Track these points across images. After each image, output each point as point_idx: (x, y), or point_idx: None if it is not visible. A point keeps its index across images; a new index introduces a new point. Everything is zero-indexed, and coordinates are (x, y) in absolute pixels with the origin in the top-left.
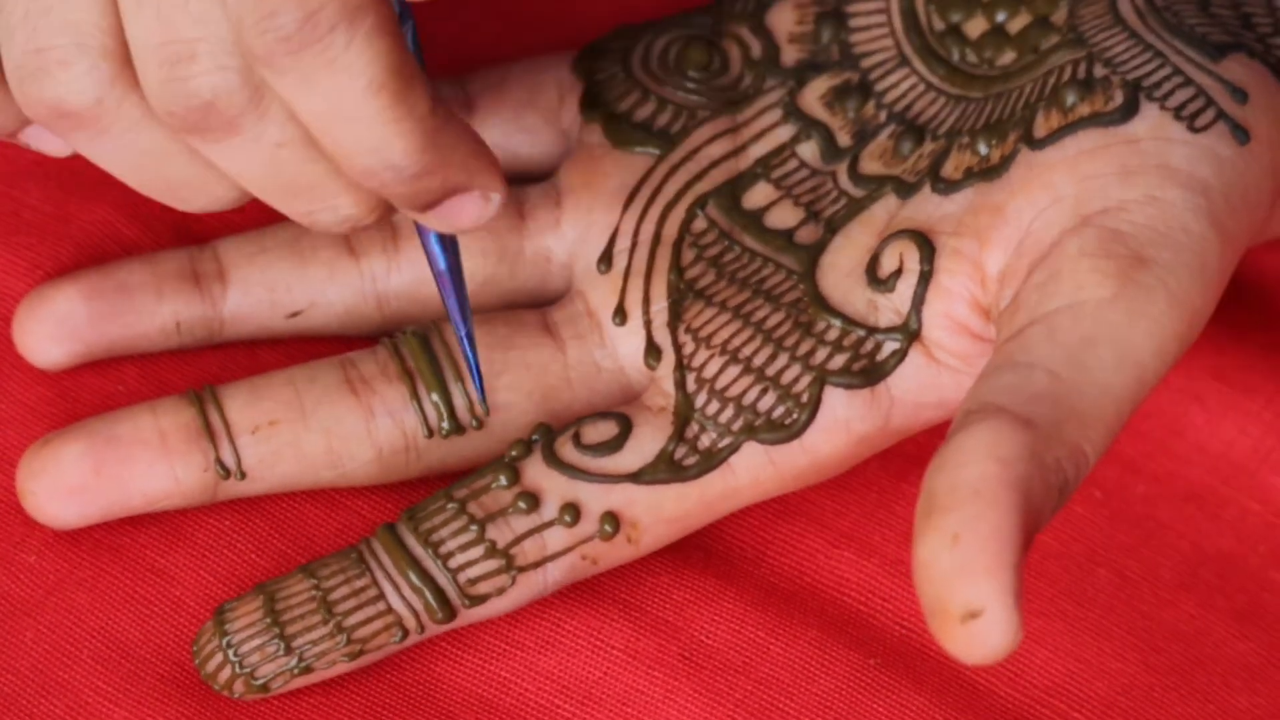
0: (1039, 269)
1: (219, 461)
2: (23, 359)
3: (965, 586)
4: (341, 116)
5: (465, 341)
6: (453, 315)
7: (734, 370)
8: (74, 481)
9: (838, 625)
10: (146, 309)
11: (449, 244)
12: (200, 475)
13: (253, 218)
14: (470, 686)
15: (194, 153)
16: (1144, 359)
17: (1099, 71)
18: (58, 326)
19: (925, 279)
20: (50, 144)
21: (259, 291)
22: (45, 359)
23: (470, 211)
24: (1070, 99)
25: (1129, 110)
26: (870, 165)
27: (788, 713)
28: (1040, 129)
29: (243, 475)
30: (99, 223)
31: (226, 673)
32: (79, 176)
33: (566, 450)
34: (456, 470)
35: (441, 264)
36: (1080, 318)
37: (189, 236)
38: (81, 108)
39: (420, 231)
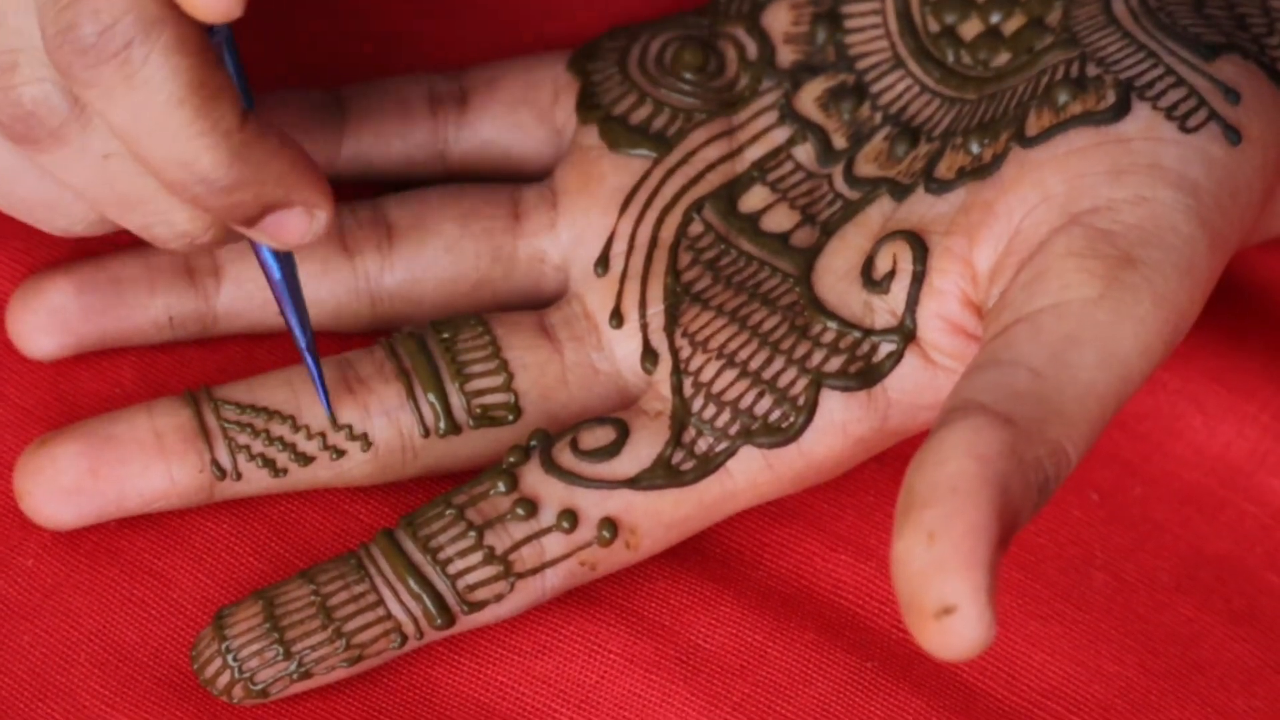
0: (1026, 267)
1: (214, 462)
2: (18, 362)
3: (939, 583)
4: (146, 130)
5: (307, 354)
6: (291, 326)
7: (730, 374)
8: (70, 482)
9: (835, 628)
10: (139, 302)
11: (283, 256)
12: (196, 476)
13: None
14: (467, 691)
15: (42, 169)
16: (1129, 359)
17: (1092, 70)
18: (50, 318)
19: (919, 279)
20: None
21: (252, 287)
22: (37, 349)
23: (294, 227)
24: (1063, 97)
25: (1121, 109)
26: (865, 168)
27: (785, 715)
28: (1032, 127)
29: (238, 475)
30: None
31: (225, 678)
32: None
33: (564, 456)
34: (454, 472)
35: (276, 274)
36: (1065, 316)
37: None
38: None
39: (253, 243)
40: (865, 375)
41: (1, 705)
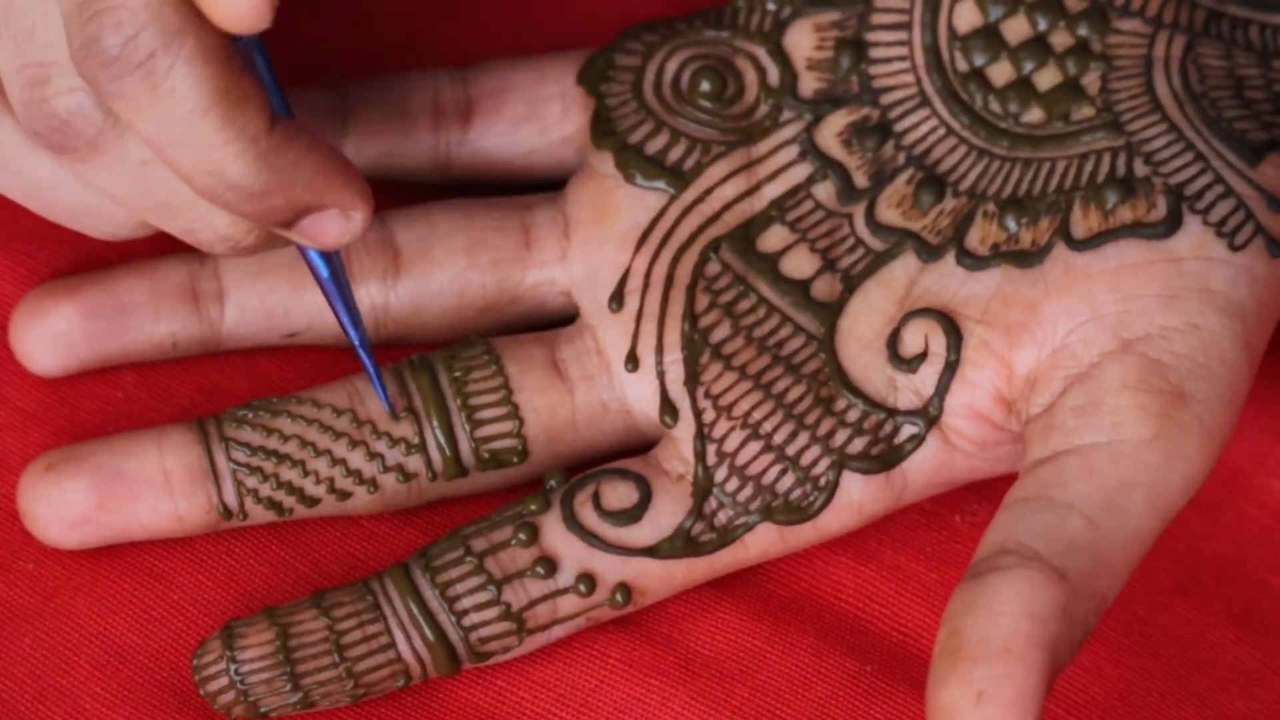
0: (1076, 389)
1: (221, 504)
2: (20, 365)
3: None
4: (173, 140)
5: (360, 350)
6: (342, 322)
7: (755, 447)
8: (77, 515)
9: (834, 632)
10: (144, 328)
11: (329, 255)
12: (203, 516)
13: None
14: (467, 695)
15: (83, 178)
16: (1174, 500)
17: (1139, 169)
18: (54, 342)
19: (951, 368)
20: None
21: (256, 315)
22: (39, 369)
23: (331, 229)
24: (1111, 199)
25: (1173, 224)
26: (888, 213)
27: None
28: (1079, 227)
29: (245, 516)
30: None
31: (229, 697)
32: None
33: (586, 513)
34: (458, 498)
35: (324, 273)
36: (1119, 459)
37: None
38: None
39: (297, 244)
40: (886, 458)
41: (2, 708)
